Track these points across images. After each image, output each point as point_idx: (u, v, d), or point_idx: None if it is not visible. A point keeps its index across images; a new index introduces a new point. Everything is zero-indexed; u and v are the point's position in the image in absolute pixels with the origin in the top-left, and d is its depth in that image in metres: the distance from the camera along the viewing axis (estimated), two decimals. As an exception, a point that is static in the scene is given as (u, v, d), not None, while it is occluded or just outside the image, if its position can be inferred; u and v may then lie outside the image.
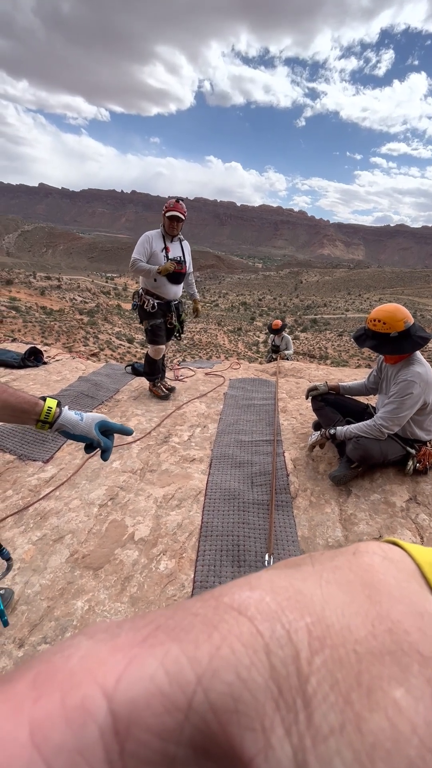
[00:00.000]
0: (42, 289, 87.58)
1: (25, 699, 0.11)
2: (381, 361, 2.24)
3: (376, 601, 0.14)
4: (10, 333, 27.30)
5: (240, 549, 1.75)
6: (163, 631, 0.13)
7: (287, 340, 6.37)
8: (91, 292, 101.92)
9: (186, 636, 0.13)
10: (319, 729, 0.11)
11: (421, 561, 0.17)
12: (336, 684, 0.12)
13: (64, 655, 0.12)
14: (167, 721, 0.11)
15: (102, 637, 0.13)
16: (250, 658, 0.12)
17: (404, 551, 0.17)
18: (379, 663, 0.12)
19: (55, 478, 2.24)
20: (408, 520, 1.89)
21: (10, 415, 0.77)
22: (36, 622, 1.42)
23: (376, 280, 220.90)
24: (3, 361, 3.97)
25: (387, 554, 0.17)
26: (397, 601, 0.14)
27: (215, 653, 0.12)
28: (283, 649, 0.12)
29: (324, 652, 0.12)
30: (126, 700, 0.11)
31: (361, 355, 55.61)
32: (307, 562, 0.17)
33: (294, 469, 2.36)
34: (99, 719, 0.11)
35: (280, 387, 3.79)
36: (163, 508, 2.02)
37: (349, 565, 0.16)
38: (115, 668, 0.12)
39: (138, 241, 3.00)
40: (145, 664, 0.12)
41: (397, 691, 0.12)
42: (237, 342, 72.56)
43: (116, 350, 45.48)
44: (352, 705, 0.11)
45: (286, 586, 0.14)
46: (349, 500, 2.05)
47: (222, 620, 0.13)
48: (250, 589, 0.14)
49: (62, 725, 0.10)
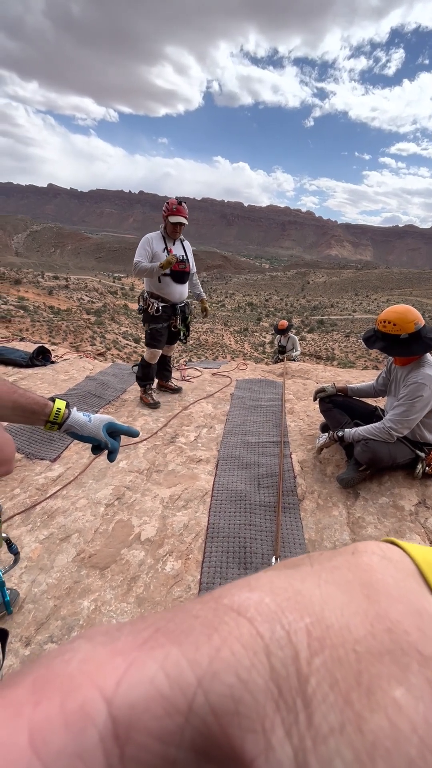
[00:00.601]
0: (50, 288, 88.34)
1: (25, 703, 0.11)
2: (390, 362, 2.21)
3: (375, 601, 0.14)
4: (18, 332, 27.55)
5: (246, 551, 1.74)
6: (162, 633, 0.13)
7: (294, 341, 6.35)
8: (98, 291, 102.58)
9: (186, 638, 0.12)
10: (320, 729, 0.11)
11: (420, 560, 0.17)
12: (336, 684, 0.12)
13: (63, 659, 0.12)
14: (168, 724, 0.11)
15: (101, 640, 0.13)
16: (250, 659, 0.12)
17: (403, 551, 0.17)
18: (379, 662, 0.12)
19: (62, 477, 2.25)
20: (417, 524, 1.87)
21: (20, 416, 0.77)
22: (42, 620, 1.43)
23: (384, 281, 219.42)
24: (11, 360, 4.01)
25: (386, 554, 0.17)
26: (396, 600, 0.14)
27: (215, 655, 0.12)
28: (283, 650, 0.12)
29: (324, 652, 0.12)
30: (126, 703, 0.11)
31: (368, 357, 55.24)
32: (306, 562, 0.17)
33: (301, 471, 2.34)
34: (99, 723, 0.11)
35: (287, 388, 3.77)
36: (169, 509, 2.01)
37: (348, 565, 0.16)
38: (114, 672, 0.12)
39: (138, 244, 2.93)
40: (144, 667, 0.12)
41: (396, 691, 0.12)
42: (243, 342, 72.52)
43: (123, 350, 45.72)
44: (352, 705, 0.11)
45: (286, 587, 0.14)
46: (357, 503, 2.03)
47: (222, 622, 0.13)
48: (249, 591, 0.14)
49: (62, 729, 0.10)
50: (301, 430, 2.86)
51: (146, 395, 3.29)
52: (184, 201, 2.90)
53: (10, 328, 26.57)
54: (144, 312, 3.09)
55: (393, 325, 1.92)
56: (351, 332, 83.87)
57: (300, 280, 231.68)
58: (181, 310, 3.13)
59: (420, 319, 1.93)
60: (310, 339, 79.40)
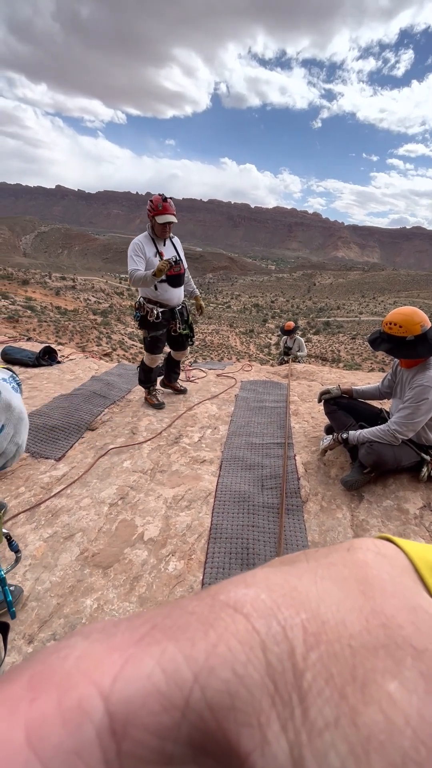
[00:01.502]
0: (57, 289, 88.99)
1: (21, 700, 0.11)
2: (396, 365, 2.20)
3: (370, 597, 0.14)
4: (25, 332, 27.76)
5: (249, 552, 1.73)
6: (159, 630, 0.13)
7: (299, 342, 6.34)
8: (104, 292, 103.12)
9: (182, 634, 0.13)
10: (315, 723, 0.11)
11: (414, 557, 0.17)
12: (331, 678, 0.12)
13: (59, 656, 0.12)
14: (164, 719, 0.11)
15: (98, 636, 0.13)
16: (246, 654, 0.12)
17: (398, 547, 0.18)
18: (374, 657, 0.12)
19: (66, 476, 2.26)
20: (421, 528, 1.85)
21: None
22: (45, 618, 1.44)
23: (390, 283, 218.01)
24: (18, 360, 4.04)
25: (381, 550, 0.17)
26: (391, 596, 0.14)
27: (212, 651, 0.12)
28: (279, 646, 0.12)
29: (319, 647, 0.12)
30: (122, 699, 0.11)
31: (374, 359, 54.89)
32: (302, 559, 0.17)
33: (305, 472, 2.33)
34: (95, 719, 0.11)
35: (292, 390, 3.76)
36: (172, 509, 2.02)
37: (344, 562, 0.16)
38: (111, 668, 0.12)
39: (128, 253, 2.76)
40: (141, 664, 0.12)
41: (391, 684, 0.12)
42: (249, 344, 72.44)
43: (128, 350, 45.88)
44: (346, 699, 0.11)
45: (282, 583, 0.14)
46: (361, 506, 2.02)
47: (218, 618, 0.13)
48: (245, 587, 0.14)
49: (59, 726, 0.10)
50: (305, 431, 2.85)
51: (151, 396, 3.27)
52: (168, 198, 2.71)
53: (17, 328, 26.82)
54: (142, 319, 2.94)
55: (399, 327, 1.91)
56: (357, 334, 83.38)
57: (306, 281, 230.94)
58: (179, 312, 3.03)
59: (426, 321, 1.92)
60: (316, 341, 79.06)
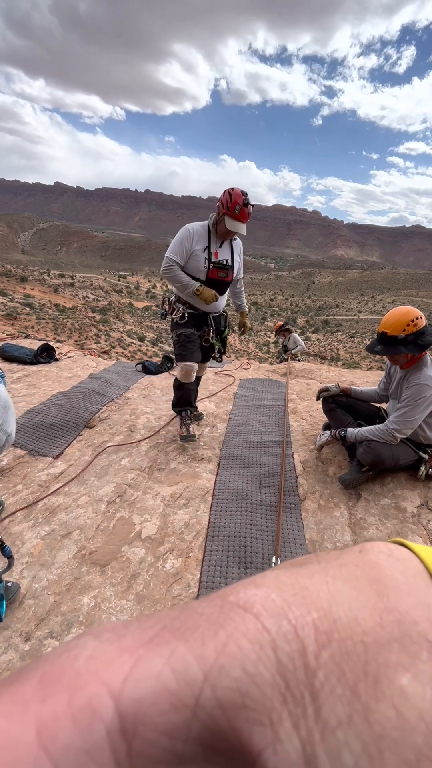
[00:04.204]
0: (55, 286, 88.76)
1: (32, 700, 0.11)
2: (389, 366, 2.21)
3: (384, 595, 0.14)
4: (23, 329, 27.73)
5: (247, 550, 1.74)
6: (169, 630, 0.13)
7: (294, 338, 6.38)
8: (103, 290, 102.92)
9: (192, 635, 0.13)
10: (328, 721, 0.11)
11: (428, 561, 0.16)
12: (343, 676, 0.12)
13: (70, 656, 0.12)
14: (175, 718, 0.11)
15: (108, 637, 0.13)
16: (256, 653, 0.12)
17: (411, 551, 0.17)
18: (387, 651, 0.12)
19: (64, 474, 2.26)
20: (419, 527, 1.86)
21: None
22: (42, 616, 1.43)
23: (390, 282, 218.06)
24: (16, 357, 4.03)
25: (393, 553, 0.17)
26: (406, 594, 0.14)
27: (222, 650, 0.12)
28: (290, 644, 0.12)
29: (331, 646, 0.12)
30: (133, 699, 0.11)
31: (372, 358, 55.02)
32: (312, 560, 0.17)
33: (303, 471, 2.33)
34: (106, 719, 0.11)
35: (290, 388, 3.76)
36: (170, 507, 2.02)
37: (356, 563, 0.16)
38: (121, 668, 0.12)
39: (177, 234, 2.30)
40: (151, 664, 0.12)
41: (403, 678, 0.12)
42: (247, 342, 72.43)
43: (127, 348, 45.83)
44: (359, 696, 0.11)
45: (292, 583, 0.14)
46: (359, 504, 2.02)
47: (228, 618, 0.13)
48: (255, 587, 0.14)
49: (69, 725, 0.11)
50: (303, 430, 2.85)
51: (182, 426, 2.57)
52: (251, 204, 2.18)
53: (15, 325, 26.72)
54: (167, 317, 2.53)
55: (392, 326, 1.92)
56: (356, 333, 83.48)
57: (305, 280, 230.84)
58: (215, 320, 2.50)
59: (419, 319, 1.92)
60: (315, 339, 79.14)
